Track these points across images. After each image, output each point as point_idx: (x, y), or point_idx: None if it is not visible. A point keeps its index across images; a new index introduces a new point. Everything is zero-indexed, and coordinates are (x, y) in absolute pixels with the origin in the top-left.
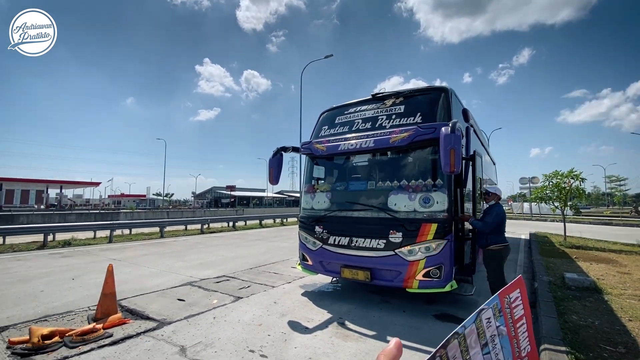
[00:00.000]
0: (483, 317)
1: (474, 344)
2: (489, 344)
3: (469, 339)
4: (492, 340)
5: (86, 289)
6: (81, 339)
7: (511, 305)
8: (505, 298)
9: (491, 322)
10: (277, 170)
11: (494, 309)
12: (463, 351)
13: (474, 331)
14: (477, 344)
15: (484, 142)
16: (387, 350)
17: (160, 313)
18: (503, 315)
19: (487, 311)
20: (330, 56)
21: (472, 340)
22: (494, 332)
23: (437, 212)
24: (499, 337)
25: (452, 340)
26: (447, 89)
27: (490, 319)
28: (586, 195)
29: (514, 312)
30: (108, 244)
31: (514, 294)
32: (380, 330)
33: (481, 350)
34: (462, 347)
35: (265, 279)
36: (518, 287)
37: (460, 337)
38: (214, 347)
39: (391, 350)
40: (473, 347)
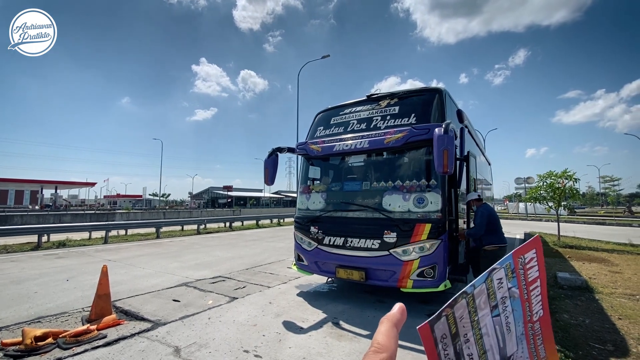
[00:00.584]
0: (494, 277)
1: (483, 305)
2: (499, 306)
3: (478, 300)
4: (502, 302)
5: (80, 290)
6: (75, 340)
7: (525, 266)
8: (519, 258)
9: (503, 283)
10: (272, 171)
11: (506, 269)
12: (471, 312)
13: (483, 291)
14: (486, 305)
15: (479, 142)
16: (391, 314)
17: (155, 314)
18: (516, 276)
19: (498, 271)
20: (327, 56)
21: (482, 301)
22: (505, 294)
23: (431, 213)
24: (510, 299)
25: (459, 300)
26: (441, 90)
27: (502, 279)
28: (580, 195)
29: (528, 274)
30: (103, 244)
31: (529, 254)
32: (374, 330)
33: (490, 312)
34: (471, 307)
35: (261, 279)
36: (534, 246)
37: (468, 296)
38: (209, 348)
39: (394, 315)
40: (482, 309)
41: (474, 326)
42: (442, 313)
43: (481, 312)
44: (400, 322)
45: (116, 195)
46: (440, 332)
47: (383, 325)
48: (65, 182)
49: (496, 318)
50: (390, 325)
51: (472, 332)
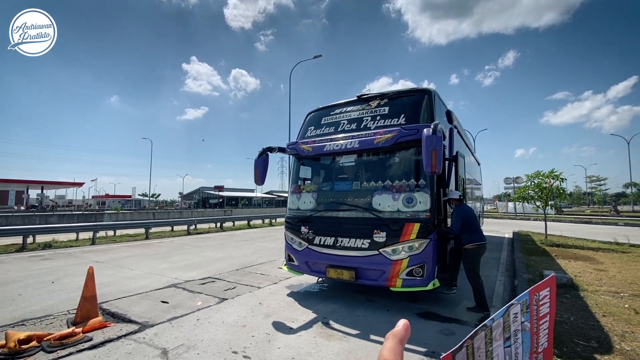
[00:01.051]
0: (511, 311)
1: (498, 337)
2: (511, 338)
3: (495, 332)
4: (515, 334)
5: (66, 292)
6: (59, 344)
7: (539, 302)
8: (534, 295)
9: (517, 317)
10: (262, 171)
11: (522, 304)
12: (487, 343)
13: (500, 325)
14: (500, 337)
15: (468, 143)
16: (396, 331)
17: (143, 316)
18: (530, 311)
19: (515, 306)
20: (319, 56)
21: (497, 334)
22: (518, 327)
23: (420, 212)
24: (522, 332)
25: (479, 332)
26: (431, 90)
27: (518, 314)
28: (567, 194)
29: (540, 310)
30: (91, 245)
31: (543, 292)
32: (364, 329)
33: (503, 344)
34: (487, 339)
35: (252, 279)
36: (549, 285)
37: (487, 329)
38: (197, 349)
39: (400, 331)
40: (497, 340)
41: (487, 356)
42: (463, 344)
43: (495, 343)
44: (405, 339)
45: (105, 196)
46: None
47: (389, 342)
48: (51, 182)
49: (507, 349)
50: (396, 341)
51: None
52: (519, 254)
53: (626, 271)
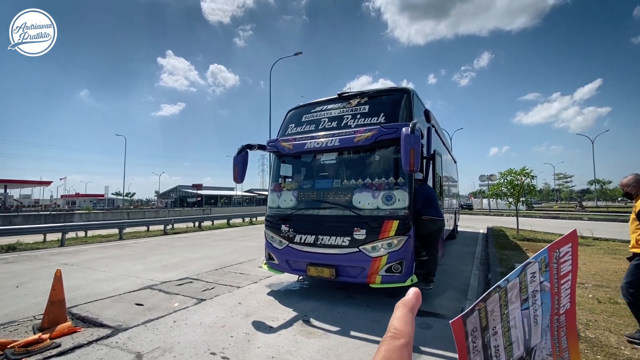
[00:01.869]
0: (528, 271)
1: (514, 299)
2: (529, 299)
3: (510, 294)
4: (533, 295)
5: (32, 297)
6: (25, 351)
7: (559, 260)
8: (554, 252)
9: (535, 277)
10: (241, 168)
11: (540, 263)
12: (502, 305)
13: (516, 285)
14: (517, 299)
15: (445, 141)
16: (407, 299)
17: (116, 319)
18: (549, 270)
19: (533, 265)
20: (300, 54)
21: (513, 295)
22: (536, 288)
23: (399, 210)
24: (540, 292)
25: (492, 294)
26: (409, 90)
27: (535, 273)
28: (537, 191)
29: (561, 268)
30: (59, 247)
31: (564, 248)
32: (344, 325)
33: (520, 306)
34: (502, 301)
35: (231, 279)
36: (570, 240)
37: (501, 290)
38: (173, 352)
39: (410, 299)
40: (513, 302)
41: (503, 319)
42: (475, 307)
43: (512, 305)
44: (415, 307)
45: (75, 195)
46: (471, 326)
47: (399, 310)
48: (16, 181)
49: (525, 311)
50: (406, 310)
51: (500, 324)
52: (492, 249)
53: (590, 263)
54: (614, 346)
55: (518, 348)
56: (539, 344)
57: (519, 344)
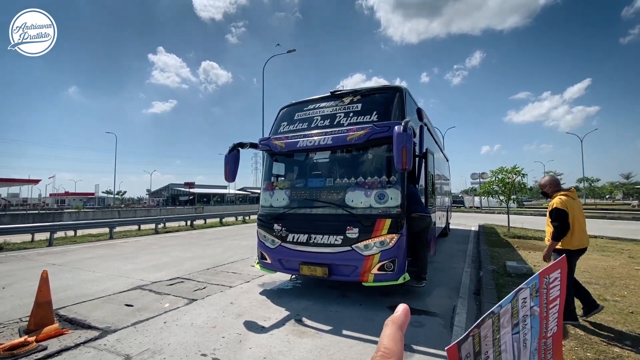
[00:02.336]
0: (520, 296)
1: (506, 324)
2: (519, 324)
3: (503, 319)
4: (523, 320)
5: (18, 298)
6: (10, 354)
7: (549, 285)
8: (544, 278)
9: (526, 302)
10: (233, 167)
11: (531, 288)
12: (494, 330)
13: (508, 311)
14: (508, 324)
15: (437, 140)
16: (396, 316)
17: (104, 321)
18: (539, 295)
19: (524, 291)
20: (293, 51)
21: (505, 320)
22: (527, 312)
23: (391, 208)
24: (530, 317)
25: (486, 320)
26: (402, 88)
27: (527, 299)
28: (528, 189)
29: (550, 293)
30: (48, 247)
31: (554, 274)
32: (336, 324)
33: (511, 330)
34: (495, 326)
35: (223, 279)
36: (560, 267)
37: (494, 316)
38: (163, 354)
39: (399, 317)
40: (504, 327)
41: (494, 344)
42: (469, 333)
43: (503, 330)
44: (404, 324)
45: (64, 194)
46: (465, 352)
47: (388, 328)
48: (3, 180)
49: (515, 335)
50: (395, 328)
51: (492, 349)
52: (484, 246)
53: (579, 261)
54: (604, 343)
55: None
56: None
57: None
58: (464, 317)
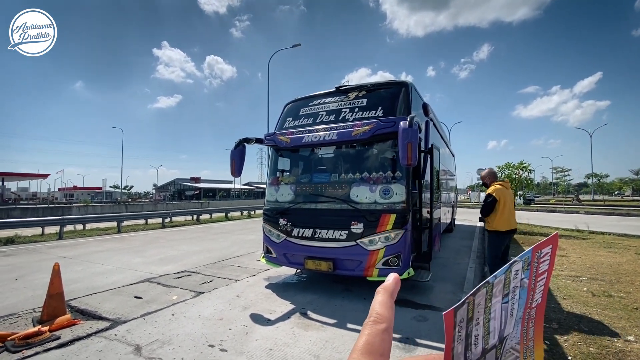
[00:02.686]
0: (513, 269)
1: (498, 293)
2: (509, 294)
3: (496, 289)
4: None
5: (31, 290)
6: (25, 343)
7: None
8: (537, 252)
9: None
10: (239, 162)
11: (524, 262)
12: (487, 299)
13: (501, 281)
14: (500, 293)
15: (443, 135)
16: (387, 284)
17: (115, 312)
18: (530, 268)
19: (518, 263)
20: (298, 45)
21: (498, 290)
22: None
23: (396, 203)
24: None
25: (481, 289)
26: (408, 83)
27: (519, 271)
28: (534, 185)
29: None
30: (58, 240)
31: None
32: (341, 318)
33: (501, 300)
34: (488, 295)
35: (229, 272)
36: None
37: (489, 286)
38: (172, 345)
39: (390, 285)
40: (496, 296)
41: (485, 311)
42: (465, 300)
43: (495, 299)
44: (395, 292)
45: (72, 188)
46: (459, 317)
47: (380, 295)
48: (13, 174)
49: (505, 304)
50: (387, 295)
51: (482, 316)
52: None
53: (585, 257)
54: (607, 338)
55: (493, 337)
56: (511, 334)
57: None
58: None
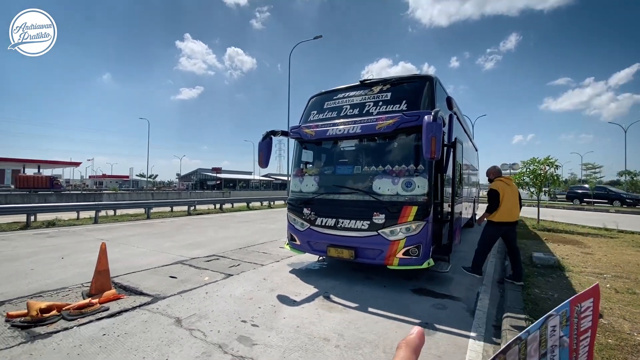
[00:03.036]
0: (549, 324)
1: (533, 353)
2: (547, 354)
3: (530, 347)
4: (551, 350)
5: (77, 267)
6: (79, 312)
7: (580, 315)
8: (576, 306)
9: (556, 331)
10: (266, 154)
11: (562, 316)
12: (521, 358)
13: (536, 338)
14: (536, 353)
15: (467, 128)
16: (409, 339)
17: (154, 289)
18: (570, 324)
19: (554, 318)
20: (320, 37)
21: (532, 349)
22: (555, 342)
23: (418, 196)
24: (559, 347)
25: (513, 346)
26: (432, 77)
27: (556, 327)
28: (561, 181)
29: (582, 324)
30: (93, 224)
31: (585, 303)
32: (362, 302)
33: None
34: (522, 354)
35: (255, 258)
36: (592, 295)
37: (522, 343)
38: (208, 319)
39: (413, 340)
40: (532, 356)
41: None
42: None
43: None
44: (419, 348)
45: (102, 176)
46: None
47: (402, 351)
48: (48, 162)
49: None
50: (409, 352)
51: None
52: None
53: (612, 255)
54: (626, 332)
55: None
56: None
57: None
58: (486, 303)
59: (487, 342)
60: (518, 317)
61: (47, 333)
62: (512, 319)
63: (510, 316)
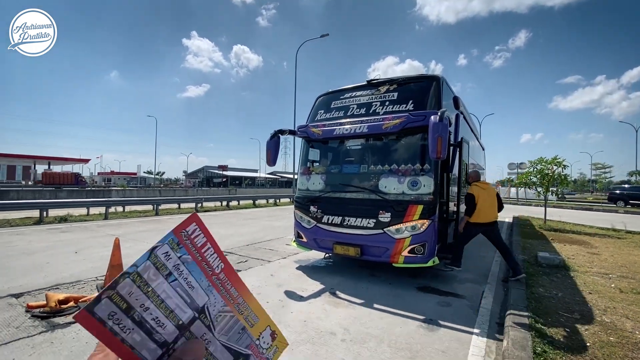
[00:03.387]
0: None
1: (154, 277)
2: (173, 273)
3: (146, 274)
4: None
5: (90, 262)
6: None
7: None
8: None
9: (170, 255)
10: (274, 152)
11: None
12: (142, 286)
13: (149, 267)
14: (157, 276)
15: (473, 128)
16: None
17: None
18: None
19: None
20: (326, 35)
21: (151, 274)
22: (176, 262)
23: (424, 195)
24: (184, 264)
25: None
26: (439, 77)
27: (169, 252)
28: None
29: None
30: (104, 220)
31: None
32: (368, 299)
33: (166, 280)
34: (139, 282)
35: (262, 254)
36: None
37: (132, 275)
38: None
39: None
40: (153, 280)
41: (150, 296)
42: (101, 297)
43: (154, 282)
44: None
45: (110, 173)
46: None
47: None
48: (58, 158)
49: (174, 282)
50: None
51: (149, 300)
52: (516, 237)
53: (618, 255)
54: (628, 330)
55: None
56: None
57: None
58: (490, 301)
59: (490, 338)
60: (521, 314)
61: (65, 323)
62: (515, 316)
63: (513, 313)
